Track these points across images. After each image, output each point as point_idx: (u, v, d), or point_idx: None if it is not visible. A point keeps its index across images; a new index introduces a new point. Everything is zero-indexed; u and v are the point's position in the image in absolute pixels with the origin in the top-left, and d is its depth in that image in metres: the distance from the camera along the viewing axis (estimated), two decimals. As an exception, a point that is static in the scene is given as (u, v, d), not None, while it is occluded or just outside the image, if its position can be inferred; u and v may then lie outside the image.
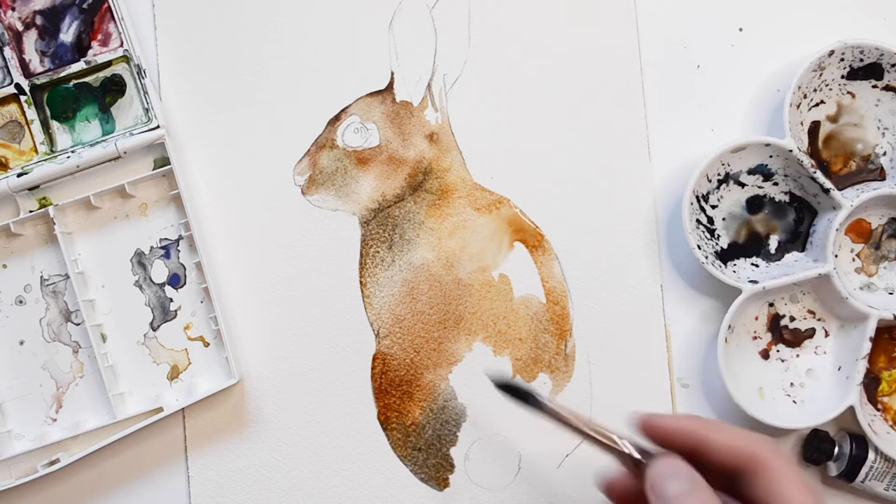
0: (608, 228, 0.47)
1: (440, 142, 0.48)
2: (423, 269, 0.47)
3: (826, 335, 0.46)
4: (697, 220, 0.45)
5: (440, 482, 0.46)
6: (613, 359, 0.46)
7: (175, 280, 0.48)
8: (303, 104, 0.48)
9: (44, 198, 0.47)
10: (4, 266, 0.48)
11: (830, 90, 0.46)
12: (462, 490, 0.46)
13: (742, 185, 0.46)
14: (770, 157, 0.45)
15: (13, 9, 0.48)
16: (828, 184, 0.44)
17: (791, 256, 0.46)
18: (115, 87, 0.48)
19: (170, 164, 0.46)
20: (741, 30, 0.48)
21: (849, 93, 0.46)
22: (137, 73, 0.47)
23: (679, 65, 0.48)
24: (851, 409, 0.43)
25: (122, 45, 0.47)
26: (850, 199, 0.44)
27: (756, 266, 0.46)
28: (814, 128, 0.47)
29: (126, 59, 0.48)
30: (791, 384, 0.45)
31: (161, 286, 0.48)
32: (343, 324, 0.47)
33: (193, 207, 0.47)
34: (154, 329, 0.47)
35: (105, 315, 0.47)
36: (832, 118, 0.47)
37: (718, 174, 0.46)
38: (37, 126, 0.47)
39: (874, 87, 0.46)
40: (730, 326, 0.44)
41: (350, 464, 0.46)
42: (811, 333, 0.46)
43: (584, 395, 0.46)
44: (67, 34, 0.48)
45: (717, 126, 0.48)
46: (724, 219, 0.46)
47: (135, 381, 0.47)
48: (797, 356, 0.46)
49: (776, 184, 0.46)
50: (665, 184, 0.47)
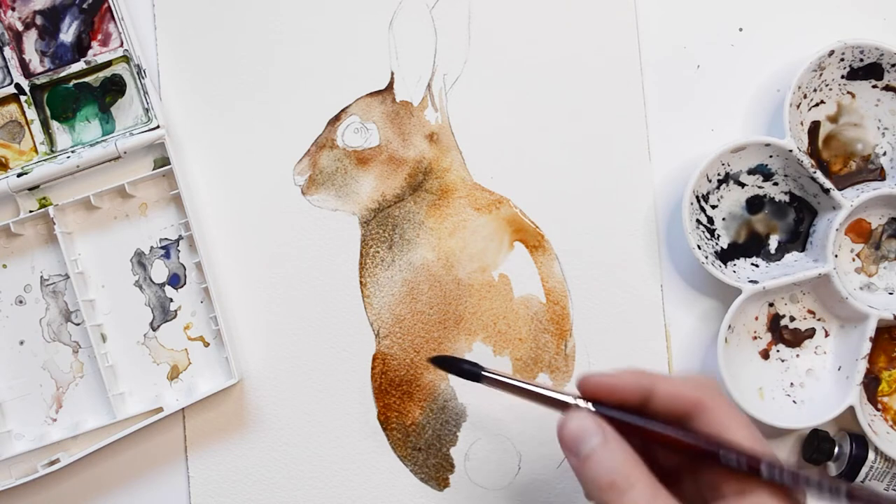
0: (608, 228, 0.47)
1: (440, 142, 0.48)
2: (423, 269, 0.47)
3: (826, 335, 0.46)
4: (697, 220, 0.45)
5: (440, 482, 0.46)
6: (613, 359, 0.46)
7: (175, 280, 0.48)
8: (303, 104, 0.48)
9: (44, 198, 0.47)
10: (4, 266, 0.48)
11: (830, 90, 0.46)
12: (462, 490, 0.46)
13: (742, 185, 0.46)
14: (770, 157, 0.45)
15: (13, 9, 0.48)
16: (828, 184, 0.44)
17: (791, 256, 0.46)
18: (115, 87, 0.48)
19: (170, 164, 0.46)
20: (741, 30, 0.48)
21: (849, 93, 0.46)
22: (137, 73, 0.47)
23: (679, 65, 0.48)
24: (851, 409, 0.43)
25: (122, 45, 0.47)
26: (850, 199, 0.44)
27: (756, 266, 0.46)
28: (814, 128, 0.47)
29: (126, 59, 0.48)
30: (791, 384, 0.45)
31: (161, 286, 0.48)
32: (343, 324, 0.47)
33: (193, 207, 0.47)
34: (154, 329, 0.47)
35: (105, 315, 0.47)
36: (832, 118, 0.47)
37: (718, 174, 0.46)
38: (37, 126, 0.47)
39: (874, 87, 0.46)
40: (730, 326, 0.44)
41: (350, 464, 0.46)
42: (811, 333, 0.46)
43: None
44: (67, 34, 0.48)
45: (717, 126, 0.48)
46: (724, 219, 0.46)
47: (135, 381, 0.47)
48: (797, 356, 0.46)
49: (776, 184, 0.46)
50: (665, 184, 0.47)
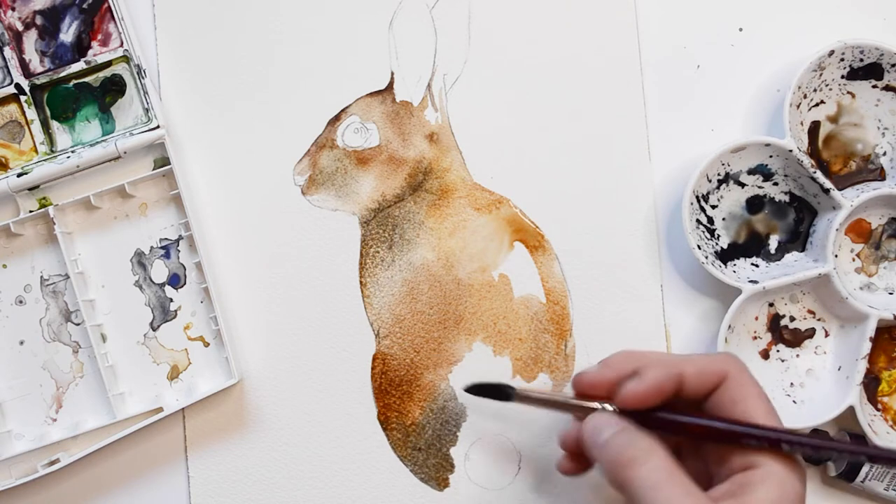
0: (608, 228, 0.47)
1: (440, 142, 0.48)
2: (423, 269, 0.47)
3: (826, 335, 0.46)
4: (697, 220, 0.45)
5: (440, 482, 0.46)
6: (613, 359, 0.46)
7: (175, 280, 0.48)
8: (303, 104, 0.48)
9: (44, 198, 0.47)
10: (4, 266, 0.48)
11: (830, 90, 0.46)
12: (462, 490, 0.46)
13: (742, 185, 0.46)
14: (770, 157, 0.45)
15: (13, 9, 0.48)
16: (828, 184, 0.44)
17: (791, 256, 0.46)
18: (115, 87, 0.48)
19: (170, 164, 0.46)
20: (741, 30, 0.48)
21: (849, 93, 0.46)
22: (137, 73, 0.47)
23: (679, 65, 0.48)
24: (851, 409, 0.43)
25: (122, 45, 0.47)
26: (850, 199, 0.44)
27: (756, 266, 0.46)
28: (814, 128, 0.47)
29: (126, 59, 0.48)
30: (791, 384, 0.45)
31: (161, 286, 0.48)
32: (343, 324, 0.47)
33: (193, 207, 0.47)
34: (154, 329, 0.47)
35: (105, 315, 0.47)
36: (832, 118, 0.47)
37: (718, 174, 0.46)
38: (37, 126, 0.47)
39: (874, 87, 0.46)
40: (730, 326, 0.44)
41: (350, 464, 0.46)
42: (811, 333, 0.46)
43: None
44: (67, 34, 0.48)
45: (717, 126, 0.48)
46: (724, 219, 0.46)
47: (135, 381, 0.47)
48: (797, 356, 0.46)
49: (776, 184, 0.46)
50: (665, 184, 0.47)
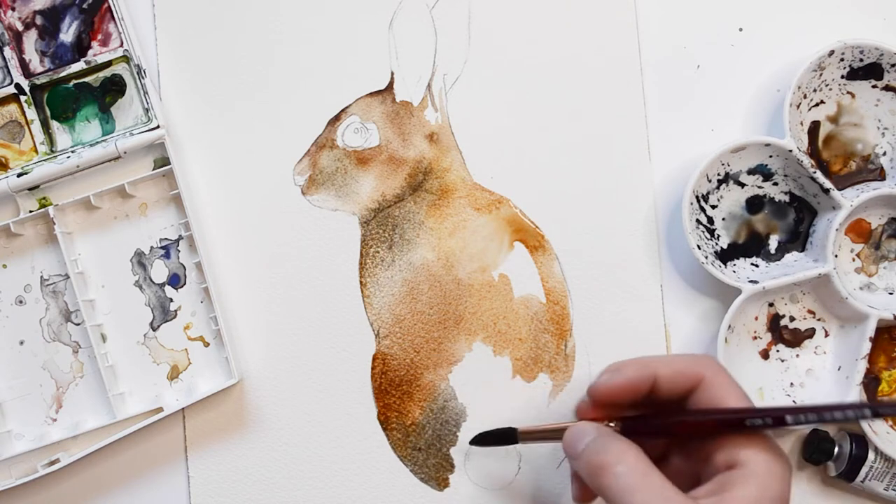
0: (608, 228, 0.47)
1: (440, 142, 0.48)
2: (423, 269, 0.47)
3: (826, 335, 0.46)
4: (697, 220, 0.45)
5: (440, 482, 0.46)
6: (613, 359, 0.46)
7: (175, 280, 0.48)
8: (303, 104, 0.48)
9: (44, 198, 0.47)
10: (4, 266, 0.48)
11: (830, 90, 0.46)
12: (462, 490, 0.46)
13: (742, 185, 0.46)
14: (770, 157, 0.45)
15: (13, 9, 0.48)
16: (828, 184, 0.44)
17: (791, 256, 0.46)
18: (115, 87, 0.48)
19: (170, 164, 0.46)
20: (741, 30, 0.48)
21: (849, 93, 0.46)
22: (137, 73, 0.47)
23: (679, 65, 0.48)
24: (851, 409, 0.43)
25: (122, 45, 0.47)
26: (850, 199, 0.44)
27: (756, 266, 0.46)
28: (814, 128, 0.47)
29: (126, 59, 0.48)
30: (791, 384, 0.45)
31: (161, 286, 0.48)
32: (343, 324, 0.47)
33: (193, 207, 0.47)
34: (154, 329, 0.47)
35: (105, 315, 0.47)
36: (832, 118, 0.47)
37: (718, 174, 0.46)
38: (37, 126, 0.47)
39: (874, 87, 0.46)
40: (730, 326, 0.44)
41: (350, 464, 0.46)
42: (811, 333, 0.46)
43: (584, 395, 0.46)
44: (67, 34, 0.48)
45: (717, 126, 0.48)
46: (724, 219, 0.46)
47: (135, 381, 0.47)
48: (797, 356, 0.46)
49: (776, 184, 0.46)
50: (665, 184, 0.47)
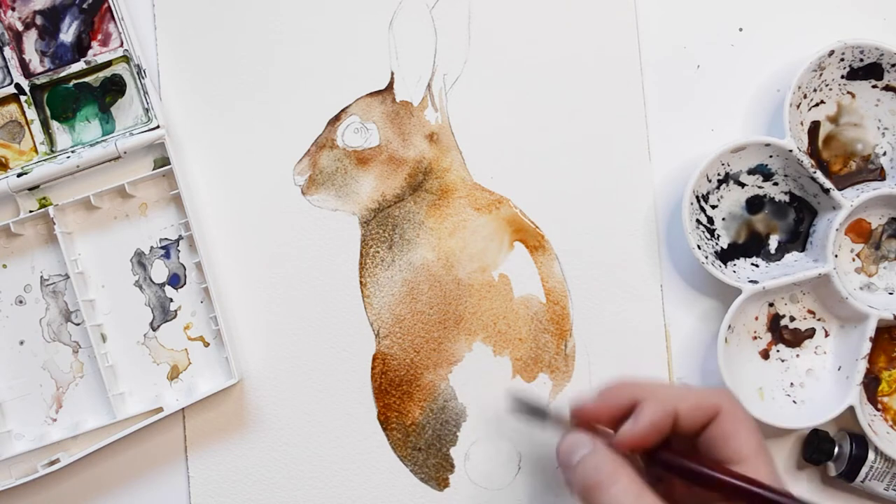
0: (608, 228, 0.47)
1: (440, 142, 0.48)
2: (423, 269, 0.47)
3: (826, 335, 0.46)
4: (697, 220, 0.45)
5: (440, 482, 0.46)
6: (613, 359, 0.46)
7: (175, 280, 0.48)
8: (303, 104, 0.48)
9: (44, 198, 0.47)
10: (4, 266, 0.48)
11: (830, 90, 0.46)
12: (462, 490, 0.46)
13: (742, 185, 0.46)
14: (770, 157, 0.45)
15: (13, 9, 0.48)
16: (828, 184, 0.44)
17: (791, 256, 0.46)
18: (115, 87, 0.48)
19: (170, 164, 0.46)
20: (741, 30, 0.48)
21: (849, 93, 0.46)
22: (137, 73, 0.47)
23: (679, 65, 0.48)
24: (851, 409, 0.43)
25: (122, 45, 0.47)
26: (850, 199, 0.44)
27: (756, 266, 0.46)
28: (814, 128, 0.47)
29: (126, 59, 0.48)
30: (791, 384, 0.45)
31: (161, 286, 0.48)
32: (343, 324, 0.47)
33: (193, 207, 0.47)
34: (154, 329, 0.47)
35: (105, 315, 0.47)
36: (832, 118, 0.47)
37: (718, 174, 0.46)
38: (37, 126, 0.47)
39: (874, 87, 0.46)
40: (730, 326, 0.44)
41: (350, 464, 0.46)
42: (811, 333, 0.46)
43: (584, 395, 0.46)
44: (67, 34, 0.48)
45: (717, 126, 0.48)
46: (724, 219, 0.46)
47: (135, 381, 0.47)
48: (797, 356, 0.46)
49: (776, 184, 0.46)
50: (665, 184, 0.47)
